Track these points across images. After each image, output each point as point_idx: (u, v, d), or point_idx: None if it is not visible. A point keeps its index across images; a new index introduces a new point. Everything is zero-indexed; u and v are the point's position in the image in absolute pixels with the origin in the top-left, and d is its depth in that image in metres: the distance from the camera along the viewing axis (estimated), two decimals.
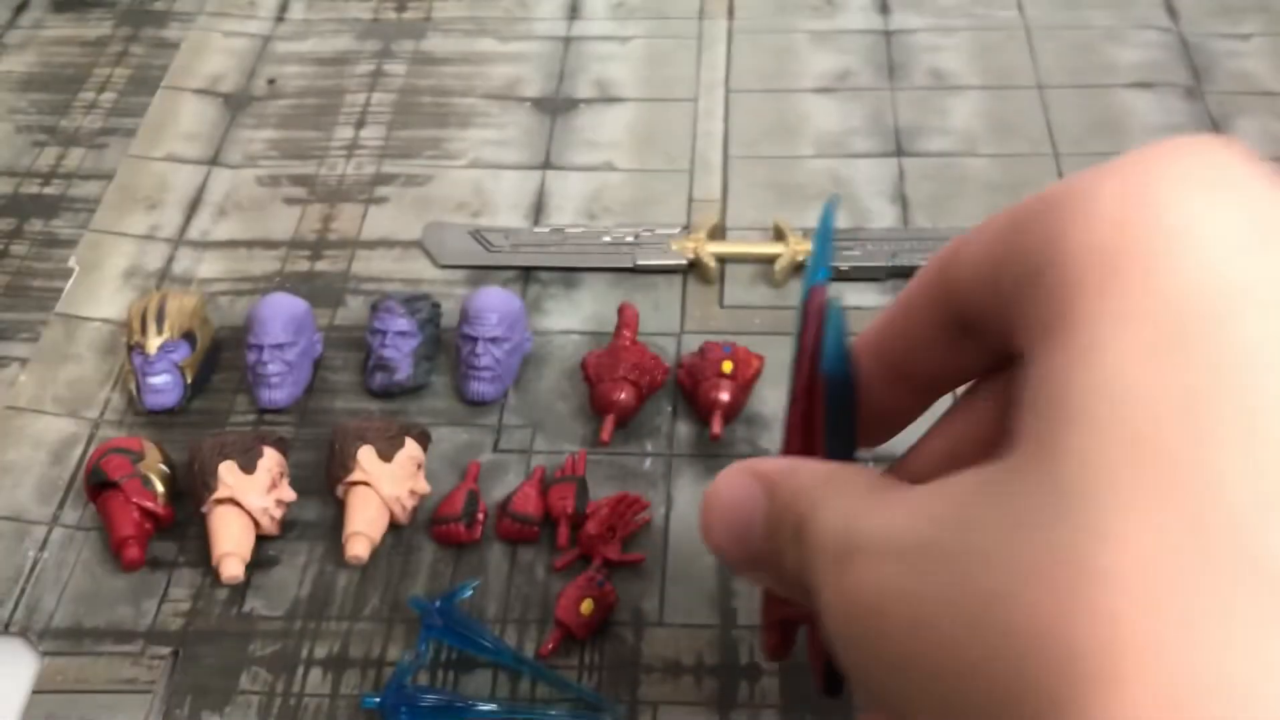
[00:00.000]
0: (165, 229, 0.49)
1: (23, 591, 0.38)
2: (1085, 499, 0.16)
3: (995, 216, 0.20)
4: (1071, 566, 0.15)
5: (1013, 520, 0.17)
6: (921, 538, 0.18)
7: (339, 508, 0.38)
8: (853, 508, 0.21)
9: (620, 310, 0.43)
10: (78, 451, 0.41)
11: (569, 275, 0.46)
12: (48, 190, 0.51)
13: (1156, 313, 0.16)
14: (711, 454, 0.40)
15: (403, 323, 0.42)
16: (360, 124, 0.53)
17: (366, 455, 0.38)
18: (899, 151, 0.50)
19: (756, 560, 0.24)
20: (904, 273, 0.45)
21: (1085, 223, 0.18)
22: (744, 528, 0.24)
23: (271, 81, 0.56)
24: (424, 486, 0.39)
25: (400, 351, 0.42)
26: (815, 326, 0.26)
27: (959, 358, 0.23)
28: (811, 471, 0.23)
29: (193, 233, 0.49)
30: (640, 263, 0.46)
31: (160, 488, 0.38)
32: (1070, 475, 0.16)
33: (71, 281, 0.47)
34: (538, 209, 0.49)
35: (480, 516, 0.38)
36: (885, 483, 0.21)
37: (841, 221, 0.48)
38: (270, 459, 0.38)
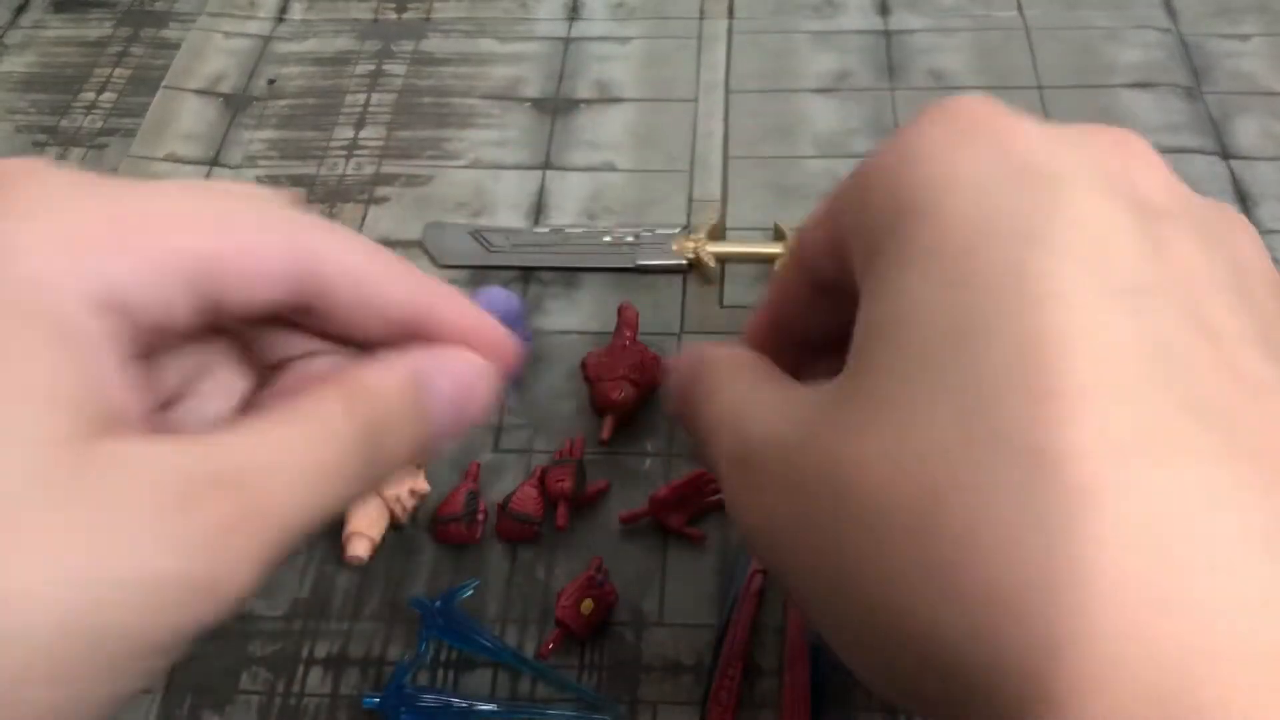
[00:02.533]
0: None
1: None
2: (885, 403, 0.19)
3: (826, 195, 0.25)
4: (885, 457, 0.19)
5: (841, 426, 0.20)
6: (787, 443, 0.22)
7: None
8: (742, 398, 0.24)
9: (620, 310, 0.43)
10: None
11: (569, 275, 0.46)
12: None
13: (929, 247, 0.20)
14: None
15: None
16: (360, 124, 0.53)
17: None
18: None
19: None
20: None
21: (877, 187, 0.22)
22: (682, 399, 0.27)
23: (272, 82, 0.56)
24: (424, 486, 0.39)
25: None
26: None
27: (832, 315, 0.26)
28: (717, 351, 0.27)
29: None
30: (640, 263, 0.46)
31: None
32: (875, 385, 0.20)
33: None
34: (538, 209, 0.49)
35: (480, 516, 0.38)
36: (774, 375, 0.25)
37: None
38: None
